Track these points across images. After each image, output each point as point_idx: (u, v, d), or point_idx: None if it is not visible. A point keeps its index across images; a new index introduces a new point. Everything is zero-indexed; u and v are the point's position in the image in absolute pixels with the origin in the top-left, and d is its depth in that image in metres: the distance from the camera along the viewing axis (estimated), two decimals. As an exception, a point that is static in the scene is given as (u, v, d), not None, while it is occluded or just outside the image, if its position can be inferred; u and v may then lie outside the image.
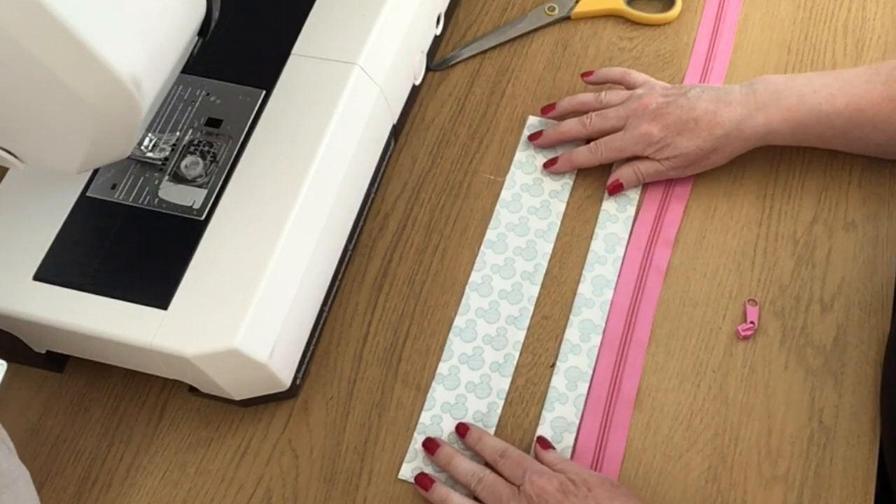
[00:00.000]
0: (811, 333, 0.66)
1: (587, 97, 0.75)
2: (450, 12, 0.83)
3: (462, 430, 0.63)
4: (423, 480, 0.62)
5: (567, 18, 0.84)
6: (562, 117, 0.76)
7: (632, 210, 0.72)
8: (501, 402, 0.65)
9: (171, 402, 0.68)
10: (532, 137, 0.76)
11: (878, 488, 0.61)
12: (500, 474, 0.60)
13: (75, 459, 0.66)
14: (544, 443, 0.63)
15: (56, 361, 0.68)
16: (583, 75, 0.78)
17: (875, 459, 0.61)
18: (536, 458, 0.62)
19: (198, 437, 0.66)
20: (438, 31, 0.81)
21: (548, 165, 0.74)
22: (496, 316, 0.69)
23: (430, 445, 0.63)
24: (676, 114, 0.69)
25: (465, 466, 0.61)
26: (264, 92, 0.67)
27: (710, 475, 0.62)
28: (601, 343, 0.67)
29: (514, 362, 0.67)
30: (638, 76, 0.75)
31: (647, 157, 0.71)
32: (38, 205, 0.64)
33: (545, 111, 0.77)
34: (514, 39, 0.83)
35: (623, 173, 0.72)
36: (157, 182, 0.64)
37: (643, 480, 0.62)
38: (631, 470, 0.62)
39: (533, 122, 0.77)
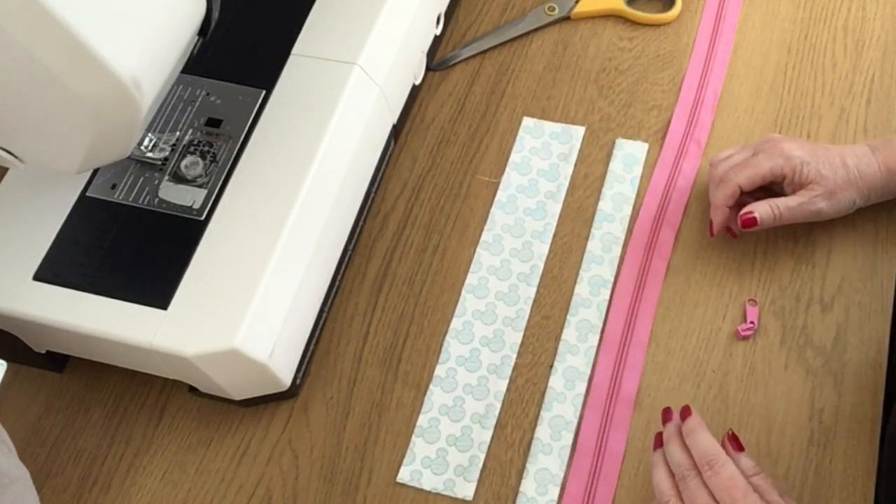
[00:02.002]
0: (811, 333, 0.66)
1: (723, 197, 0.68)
2: (450, 12, 0.83)
3: (685, 412, 0.59)
4: (657, 440, 0.60)
5: (567, 18, 0.84)
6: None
7: (628, 209, 0.72)
8: (499, 404, 0.65)
9: (171, 402, 0.68)
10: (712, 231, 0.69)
11: (878, 488, 0.61)
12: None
13: (75, 459, 0.66)
14: (735, 442, 0.58)
15: (56, 361, 0.68)
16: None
17: (875, 459, 0.61)
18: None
19: (198, 437, 0.66)
20: (438, 31, 0.81)
21: (744, 224, 0.67)
22: (493, 318, 0.69)
23: (665, 415, 0.60)
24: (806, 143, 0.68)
25: (677, 457, 0.57)
26: (264, 92, 0.67)
27: (710, 475, 0.62)
28: (600, 343, 0.67)
29: (512, 364, 0.67)
30: None
31: (784, 195, 0.67)
32: (38, 205, 0.64)
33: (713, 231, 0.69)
34: (514, 39, 0.83)
35: (758, 207, 0.66)
36: (157, 182, 0.64)
37: (643, 480, 0.62)
38: (631, 470, 0.62)
39: (528, 124, 0.77)
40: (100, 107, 0.50)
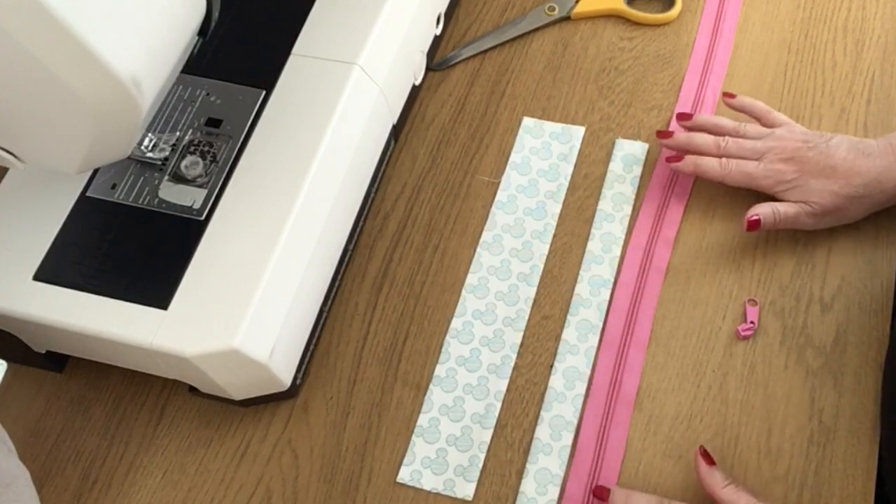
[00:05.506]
0: (811, 333, 0.66)
1: (726, 122, 0.72)
2: (450, 12, 0.83)
3: (601, 493, 0.61)
4: (600, 492, 0.61)
5: (567, 18, 0.84)
6: (693, 129, 0.73)
7: (628, 209, 0.72)
8: (499, 404, 0.65)
9: (171, 402, 0.68)
10: (661, 135, 0.73)
11: (877, 488, 0.61)
12: None
13: (75, 459, 0.66)
14: (707, 457, 0.60)
15: (56, 361, 0.68)
16: (725, 95, 0.73)
17: (875, 459, 0.61)
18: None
19: (198, 437, 0.66)
20: (438, 31, 0.81)
21: (672, 160, 0.71)
22: (493, 318, 0.69)
23: (600, 493, 0.61)
24: (814, 160, 0.67)
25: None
26: (264, 92, 0.67)
27: (710, 475, 0.62)
28: (600, 343, 0.67)
29: (512, 364, 0.67)
30: (779, 116, 0.71)
31: (785, 201, 0.68)
32: (38, 205, 0.64)
33: (678, 119, 0.73)
34: (514, 39, 0.83)
35: (762, 209, 0.67)
36: (157, 182, 0.64)
37: (643, 480, 0.62)
38: (631, 470, 0.63)
39: (528, 124, 0.77)
40: (100, 107, 0.50)
